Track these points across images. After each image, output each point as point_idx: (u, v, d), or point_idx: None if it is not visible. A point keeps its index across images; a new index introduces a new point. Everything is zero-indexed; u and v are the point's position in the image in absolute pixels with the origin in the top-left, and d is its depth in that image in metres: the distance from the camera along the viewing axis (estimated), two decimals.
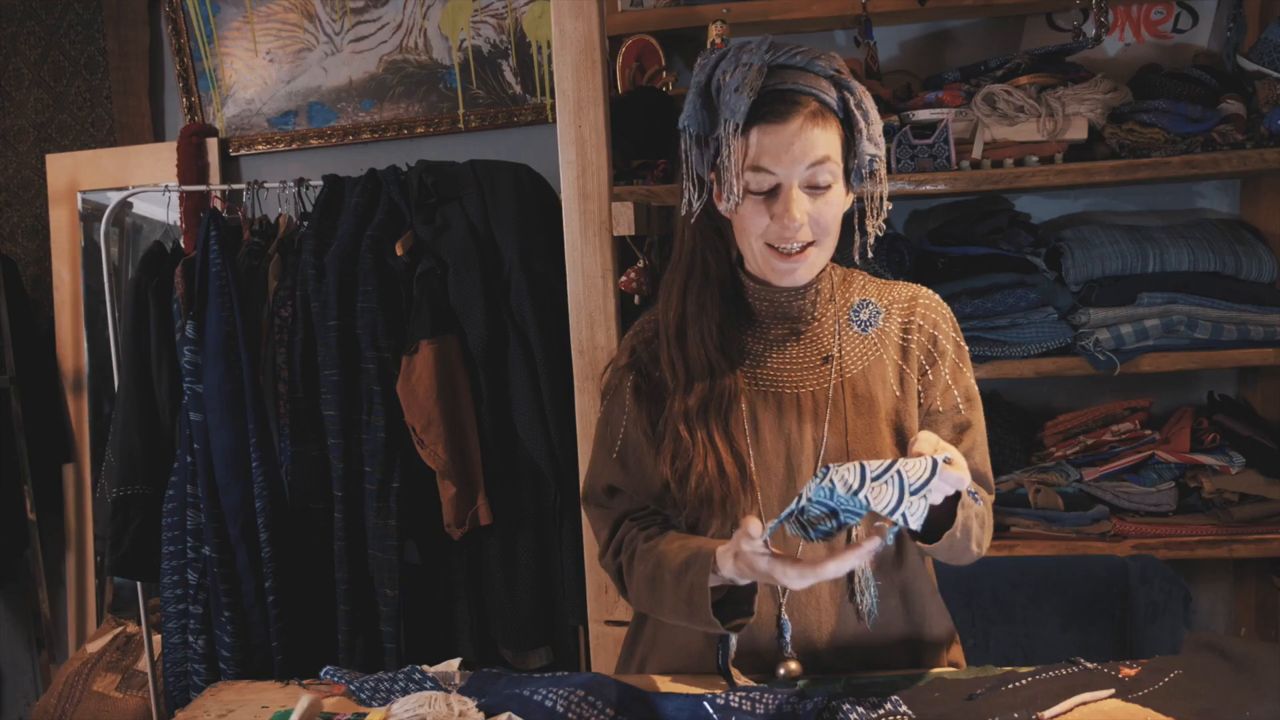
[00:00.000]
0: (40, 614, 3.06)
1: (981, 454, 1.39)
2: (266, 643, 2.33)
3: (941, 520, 1.19)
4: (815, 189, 1.28)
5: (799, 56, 1.28)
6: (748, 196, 1.29)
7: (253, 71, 2.93)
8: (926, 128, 2.15)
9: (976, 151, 2.17)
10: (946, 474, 1.11)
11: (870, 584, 1.35)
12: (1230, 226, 2.36)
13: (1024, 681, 1.27)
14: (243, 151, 2.97)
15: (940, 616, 1.44)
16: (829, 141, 1.27)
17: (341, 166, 2.54)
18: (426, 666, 1.37)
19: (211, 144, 2.93)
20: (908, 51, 2.59)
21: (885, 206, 1.33)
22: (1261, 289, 2.25)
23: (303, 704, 1.26)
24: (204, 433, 2.32)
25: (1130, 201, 2.54)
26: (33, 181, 3.11)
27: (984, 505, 1.32)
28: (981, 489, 1.37)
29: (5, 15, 3.07)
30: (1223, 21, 2.41)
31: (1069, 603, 1.87)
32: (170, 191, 2.72)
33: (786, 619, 1.33)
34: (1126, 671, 1.28)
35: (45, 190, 3.07)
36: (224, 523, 2.33)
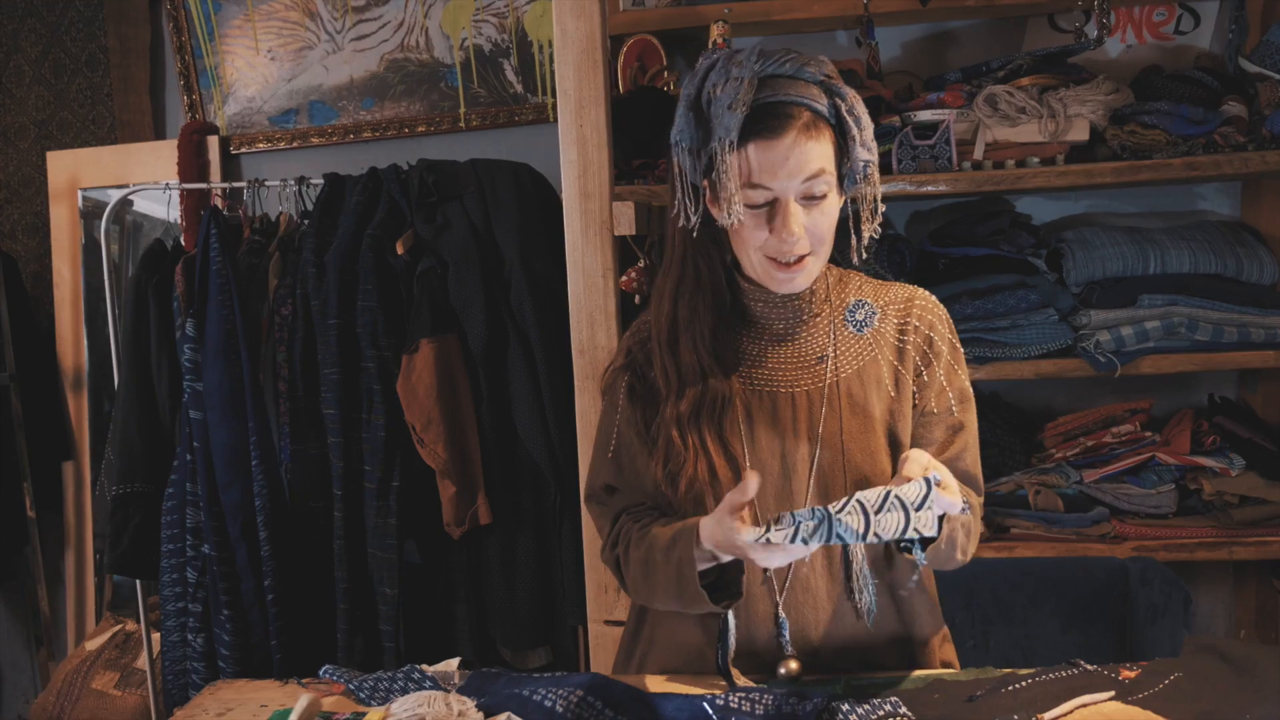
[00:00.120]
0: (39, 611, 3.06)
1: (973, 456, 1.40)
2: (266, 641, 2.33)
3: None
4: (811, 199, 1.28)
5: (788, 64, 1.27)
6: (744, 210, 1.29)
7: (254, 69, 2.93)
8: (928, 128, 2.15)
9: (978, 152, 2.17)
10: (940, 498, 1.14)
11: (868, 582, 1.35)
12: (1231, 228, 2.36)
13: (1024, 683, 1.27)
14: (243, 149, 2.96)
15: (931, 614, 1.44)
16: (823, 153, 1.27)
17: (342, 165, 2.53)
18: (426, 666, 1.37)
19: (212, 142, 2.92)
20: (909, 52, 2.59)
21: (879, 209, 1.33)
22: (1262, 291, 2.25)
23: (302, 703, 1.26)
24: (204, 431, 2.32)
25: (1131, 203, 2.54)
26: (33, 179, 3.11)
27: (971, 513, 1.33)
28: (970, 491, 1.38)
29: (6, 12, 3.06)
30: (1224, 23, 2.40)
31: (1069, 604, 1.87)
32: (171, 189, 2.72)
33: (784, 617, 1.34)
34: (1126, 674, 1.28)
35: (46, 187, 3.07)
36: (223, 521, 2.32)
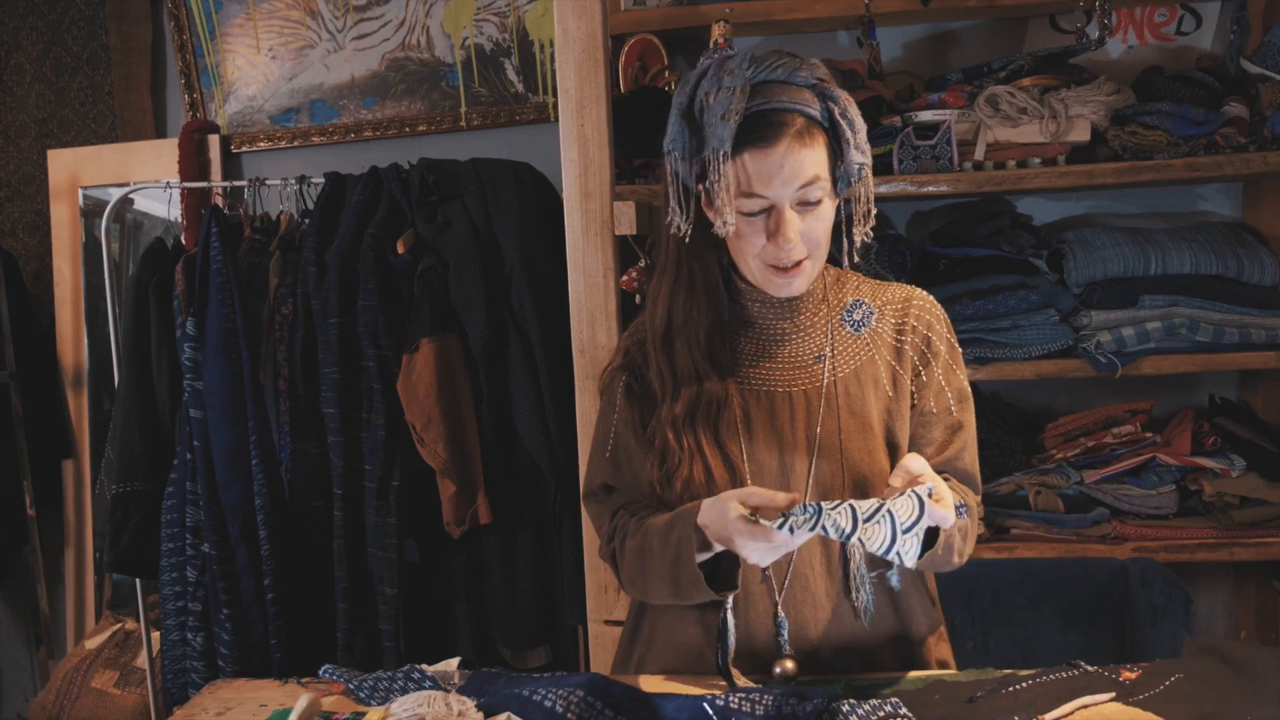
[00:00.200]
0: (39, 610, 3.05)
1: (971, 455, 1.41)
2: (265, 640, 2.33)
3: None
4: (806, 205, 1.28)
5: (780, 69, 1.27)
6: (740, 217, 1.29)
7: (255, 68, 2.93)
8: (929, 129, 2.15)
9: (979, 153, 2.17)
10: (932, 511, 1.16)
11: (865, 581, 1.35)
12: (1232, 229, 2.36)
13: (1024, 684, 1.27)
14: (244, 148, 2.96)
15: (927, 613, 1.44)
16: (817, 160, 1.27)
17: (343, 164, 2.53)
18: (425, 665, 1.37)
19: (213, 141, 2.92)
20: (911, 52, 2.59)
21: (872, 212, 1.34)
22: (1263, 292, 2.25)
23: (301, 702, 1.26)
24: (204, 430, 2.32)
25: (1132, 204, 2.54)
26: (34, 177, 3.11)
27: (968, 516, 1.33)
28: (968, 491, 1.39)
29: (7, 10, 3.06)
30: (1226, 24, 2.40)
31: (1069, 605, 1.87)
32: (171, 188, 2.71)
33: (784, 616, 1.34)
34: (1127, 675, 1.28)
35: (46, 186, 3.07)
36: (223, 520, 2.32)
